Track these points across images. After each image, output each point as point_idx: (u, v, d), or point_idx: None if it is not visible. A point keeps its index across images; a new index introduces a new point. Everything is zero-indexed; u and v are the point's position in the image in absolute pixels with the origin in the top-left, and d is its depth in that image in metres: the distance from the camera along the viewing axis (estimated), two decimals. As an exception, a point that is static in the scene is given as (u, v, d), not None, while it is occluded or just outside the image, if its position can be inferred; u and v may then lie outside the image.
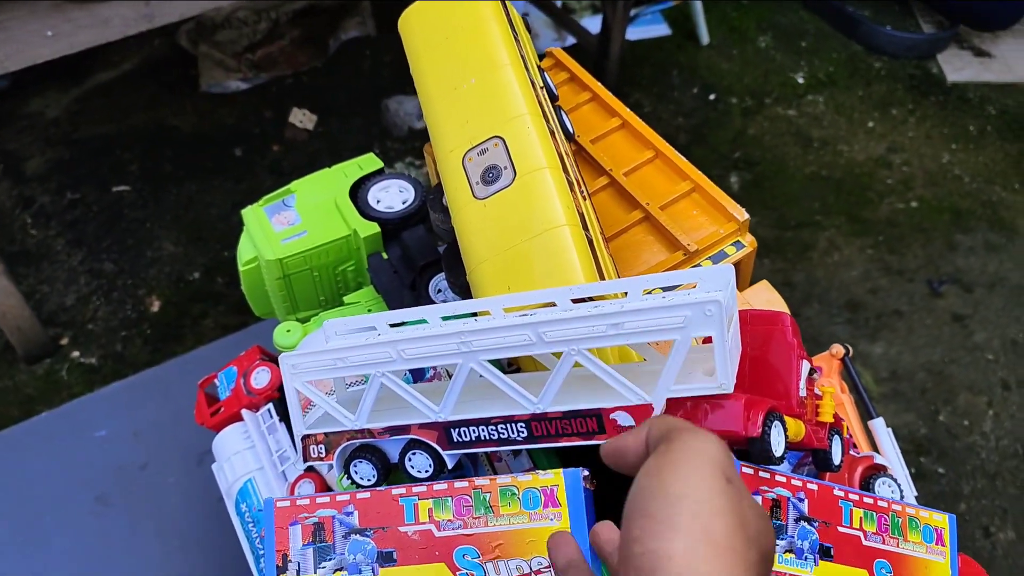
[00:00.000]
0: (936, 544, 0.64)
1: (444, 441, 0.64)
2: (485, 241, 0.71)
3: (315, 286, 1.08)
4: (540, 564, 0.55)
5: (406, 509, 0.58)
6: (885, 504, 0.62)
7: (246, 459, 0.95)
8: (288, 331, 1.01)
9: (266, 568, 0.58)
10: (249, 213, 1.10)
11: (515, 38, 0.80)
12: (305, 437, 0.69)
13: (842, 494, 0.61)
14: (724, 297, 0.55)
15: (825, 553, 0.59)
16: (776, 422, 0.58)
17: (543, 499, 0.57)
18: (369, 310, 1.03)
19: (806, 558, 0.58)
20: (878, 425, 0.96)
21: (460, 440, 0.64)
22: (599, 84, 0.91)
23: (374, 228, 1.03)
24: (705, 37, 2.56)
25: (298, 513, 0.59)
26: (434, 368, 0.79)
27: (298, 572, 0.58)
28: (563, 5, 2.59)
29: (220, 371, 1.03)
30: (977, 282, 1.99)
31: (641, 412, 0.58)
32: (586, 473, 0.58)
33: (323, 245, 1.03)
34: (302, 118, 2.14)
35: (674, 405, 0.59)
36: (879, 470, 0.79)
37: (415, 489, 0.58)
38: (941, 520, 0.65)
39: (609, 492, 0.61)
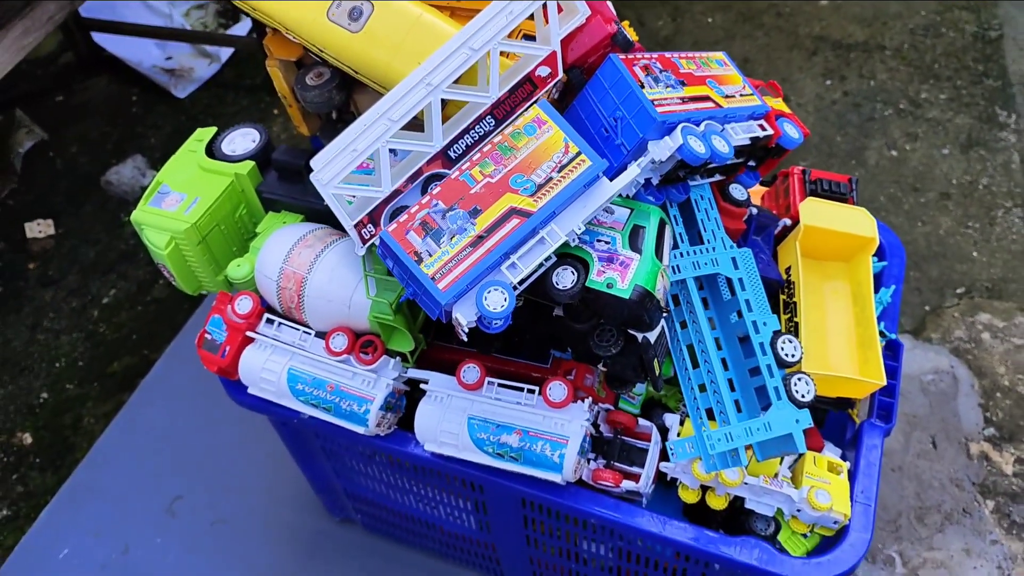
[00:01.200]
0: (726, 66, 1.04)
1: (448, 162, 0.93)
2: (381, 54, 0.99)
3: (226, 239, 1.26)
4: (557, 158, 0.87)
5: (467, 180, 0.86)
6: (691, 55, 1.02)
7: (276, 360, 1.14)
8: (238, 265, 1.20)
9: (409, 266, 0.83)
10: (139, 215, 1.24)
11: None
12: (356, 225, 0.93)
13: (668, 55, 0.99)
14: (556, -37, 0.89)
15: (681, 83, 0.96)
16: (616, 25, 0.94)
17: (536, 126, 0.88)
18: (284, 222, 1.23)
19: (672, 86, 0.95)
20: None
21: (457, 154, 0.93)
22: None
23: (249, 164, 1.23)
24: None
25: (405, 226, 0.85)
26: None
27: (429, 254, 0.84)
28: (197, 30, 2.78)
29: (205, 326, 1.19)
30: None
31: (551, 58, 0.91)
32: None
33: (219, 197, 1.22)
34: (38, 229, 2.14)
35: (565, 46, 0.93)
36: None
37: (464, 166, 0.87)
38: (720, 56, 1.06)
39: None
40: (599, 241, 0.93)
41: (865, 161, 2.17)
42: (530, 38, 0.99)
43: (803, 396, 0.98)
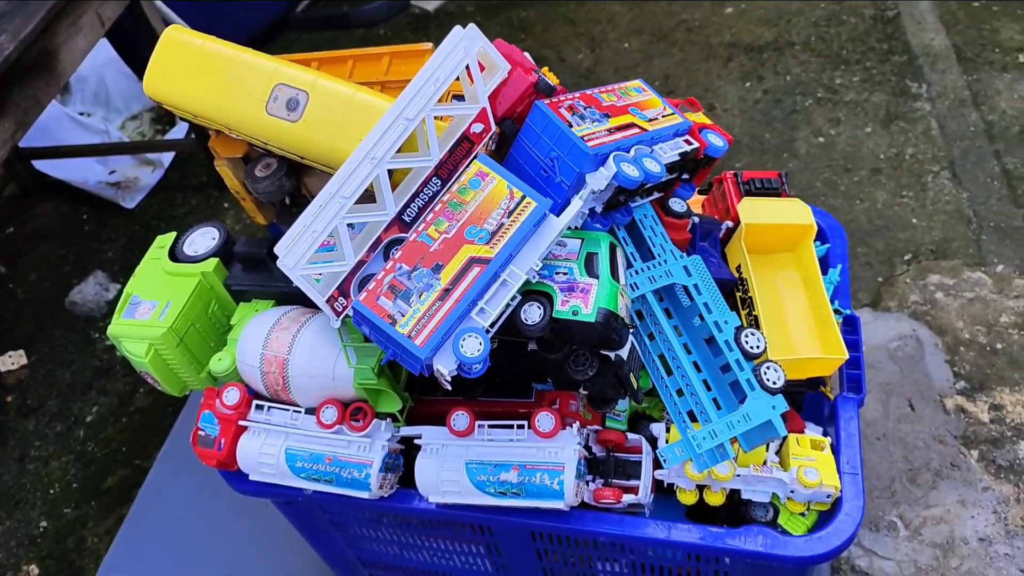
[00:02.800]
0: (645, 92, 1.12)
1: (404, 226, 0.98)
2: (323, 137, 1.05)
3: (202, 337, 1.29)
4: (504, 204, 0.93)
5: (425, 240, 0.92)
6: (611, 87, 1.09)
7: (271, 443, 1.18)
8: (220, 359, 1.23)
9: (385, 329, 0.88)
10: (115, 328, 1.27)
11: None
12: (327, 300, 0.98)
13: (589, 92, 1.06)
14: (472, 27, 0.96)
15: (606, 116, 1.03)
16: (536, 73, 1.01)
17: (480, 179, 0.94)
18: (256, 310, 1.27)
19: (598, 120, 1.02)
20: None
21: (411, 217, 0.98)
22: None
23: (213, 261, 1.28)
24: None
25: (374, 292, 0.90)
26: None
27: (401, 314, 0.89)
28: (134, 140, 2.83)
29: (197, 424, 1.22)
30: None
31: (482, 114, 0.97)
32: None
33: (189, 298, 1.25)
34: (11, 361, 2.14)
35: (493, 101, 1.00)
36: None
37: (419, 227, 0.92)
38: (637, 83, 1.13)
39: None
40: (558, 273, 0.98)
41: (796, 152, 2.27)
42: (460, 98, 1.05)
43: (774, 383, 1.04)
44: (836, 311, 1.23)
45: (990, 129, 2.21)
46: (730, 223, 1.23)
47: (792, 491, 1.09)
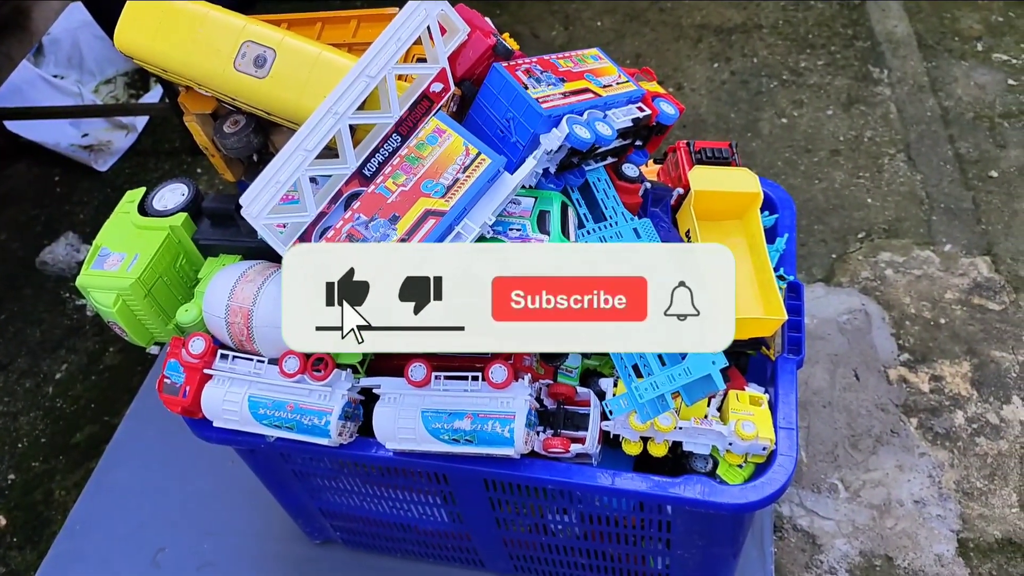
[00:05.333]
0: (601, 59, 1.16)
1: (364, 181, 1.02)
2: (290, 94, 1.08)
3: (170, 290, 1.32)
4: (460, 160, 0.97)
5: (383, 192, 0.96)
6: (567, 54, 1.13)
7: (235, 391, 1.22)
8: (186, 310, 1.27)
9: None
10: (83, 279, 1.30)
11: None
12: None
13: (547, 57, 1.10)
14: (435, -11, 1.00)
15: (562, 81, 1.08)
16: (495, 37, 1.05)
17: (437, 135, 0.98)
18: (223, 264, 1.31)
19: (554, 84, 1.06)
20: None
21: (371, 172, 1.02)
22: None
23: (182, 216, 1.31)
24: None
25: (333, 240, 0.94)
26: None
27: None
28: (108, 103, 2.84)
29: (163, 372, 1.25)
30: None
31: (442, 74, 1.02)
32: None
33: (157, 251, 1.29)
34: (-19, 319, 2.17)
35: (452, 62, 1.04)
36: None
37: (378, 180, 0.97)
38: (594, 51, 1.18)
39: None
40: (511, 229, 1.03)
41: (759, 132, 2.33)
42: (422, 60, 1.10)
43: (715, 340, 1.09)
44: (781, 277, 1.29)
45: (946, 115, 2.28)
46: (681, 190, 1.29)
47: (730, 443, 1.15)
